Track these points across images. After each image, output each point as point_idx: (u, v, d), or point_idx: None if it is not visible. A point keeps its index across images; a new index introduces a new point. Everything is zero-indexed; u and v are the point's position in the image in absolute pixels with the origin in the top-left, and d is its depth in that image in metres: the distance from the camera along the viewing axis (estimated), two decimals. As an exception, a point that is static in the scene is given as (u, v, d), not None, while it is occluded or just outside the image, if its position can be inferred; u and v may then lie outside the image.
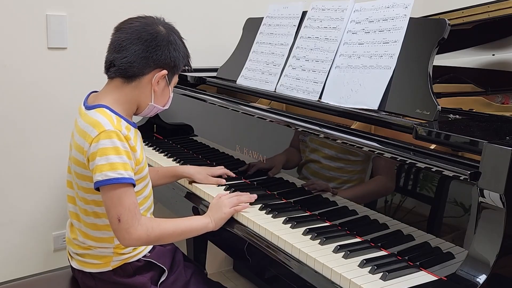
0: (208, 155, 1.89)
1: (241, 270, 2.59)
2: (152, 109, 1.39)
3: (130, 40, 1.30)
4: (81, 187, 1.32)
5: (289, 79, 1.71)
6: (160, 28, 1.33)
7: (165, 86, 1.37)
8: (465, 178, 1.04)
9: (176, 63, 1.36)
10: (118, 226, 1.23)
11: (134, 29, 1.31)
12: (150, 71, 1.32)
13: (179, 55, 1.36)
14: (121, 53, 1.29)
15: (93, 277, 1.38)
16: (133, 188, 1.26)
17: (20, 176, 2.11)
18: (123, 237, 1.24)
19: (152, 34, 1.31)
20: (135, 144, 1.31)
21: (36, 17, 2.04)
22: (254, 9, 2.29)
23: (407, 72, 1.39)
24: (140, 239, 1.26)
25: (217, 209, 1.41)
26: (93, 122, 1.27)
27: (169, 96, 1.41)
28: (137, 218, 1.24)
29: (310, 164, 1.46)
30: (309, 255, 1.17)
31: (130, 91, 1.33)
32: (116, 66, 1.30)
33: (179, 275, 1.44)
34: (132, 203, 1.24)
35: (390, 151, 1.21)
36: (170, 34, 1.34)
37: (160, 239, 1.31)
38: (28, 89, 2.06)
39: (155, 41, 1.31)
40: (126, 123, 1.31)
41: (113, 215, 1.23)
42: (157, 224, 1.29)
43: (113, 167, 1.22)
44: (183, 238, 1.39)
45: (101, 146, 1.23)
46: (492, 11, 1.66)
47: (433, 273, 1.09)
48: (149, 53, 1.30)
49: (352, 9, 1.62)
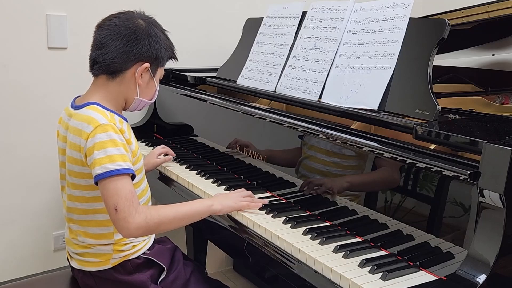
0: (208, 155, 1.89)
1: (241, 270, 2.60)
2: (139, 103, 1.40)
3: (110, 36, 1.31)
4: (79, 185, 1.32)
5: (289, 79, 1.71)
6: (139, 21, 1.34)
7: (149, 79, 1.38)
8: (465, 178, 1.04)
9: (158, 55, 1.37)
10: (115, 216, 1.22)
11: (113, 25, 1.32)
12: (132, 65, 1.33)
13: (160, 47, 1.36)
14: (102, 50, 1.31)
15: (93, 276, 1.39)
16: (130, 178, 1.26)
17: (20, 176, 2.11)
18: (122, 226, 1.23)
19: (131, 28, 1.32)
20: (130, 137, 1.33)
21: (36, 17, 2.04)
22: (254, 9, 2.29)
23: (407, 72, 1.39)
24: (140, 227, 1.24)
25: (225, 196, 1.42)
26: (87, 118, 1.28)
27: (155, 89, 1.42)
28: (134, 206, 1.23)
29: (307, 161, 1.46)
30: (309, 255, 1.17)
31: (115, 87, 1.34)
32: (99, 63, 1.32)
33: (178, 274, 1.44)
34: (129, 192, 1.23)
35: (390, 151, 1.21)
36: (149, 27, 1.35)
37: (161, 225, 1.28)
38: (28, 89, 2.07)
39: (135, 35, 1.32)
40: (118, 117, 1.33)
41: (110, 205, 1.23)
42: (156, 211, 1.28)
43: (112, 159, 1.23)
44: (186, 223, 1.37)
45: (98, 140, 1.24)
46: (492, 11, 1.66)
47: (433, 273, 1.09)
48: (129, 47, 1.31)
49: (352, 9, 1.62)
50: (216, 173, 1.74)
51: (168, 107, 2.20)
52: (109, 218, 1.32)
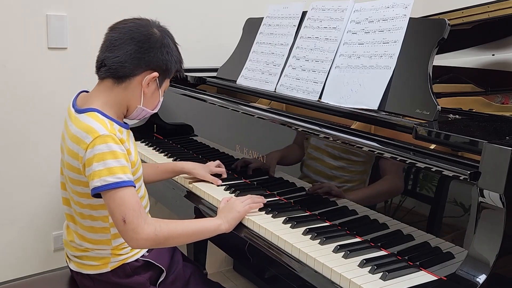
0: (208, 155, 1.89)
1: (241, 270, 2.59)
2: (141, 112, 1.37)
3: (123, 39, 1.28)
4: (76, 191, 1.31)
5: (289, 79, 1.71)
6: (154, 30, 1.32)
7: (155, 89, 1.35)
8: (465, 178, 1.04)
9: (168, 67, 1.34)
10: (124, 227, 1.20)
11: (127, 29, 1.30)
12: (141, 72, 1.30)
13: (171, 59, 1.34)
14: (113, 53, 1.28)
15: (92, 279, 1.38)
16: (134, 189, 1.24)
17: (20, 176, 2.11)
18: (131, 237, 1.21)
19: (145, 35, 1.30)
20: (129, 147, 1.31)
21: (36, 17, 2.04)
22: (254, 9, 2.29)
23: (407, 72, 1.39)
24: (149, 238, 1.22)
25: (229, 209, 1.37)
26: (86, 127, 1.24)
27: (158, 100, 1.39)
28: (142, 217, 1.22)
29: (311, 162, 1.46)
30: (309, 255, 1.17)
31: (120, 92, 1.31)
32: (107, 65, 1.29)
33: (178, 275, 1.44)
34: (136, 203, 1.22)
35: (390, 151, 1.21)
36: (164, 37, 1.33)
37: (169, 239, 1.26)
38: (28, 89, 2.07)
39: (149, 42, 1.30)
40: (118, 126, 1.30)
41: (117, 217, 1.21)
42: (165, 224, 1.26)
43: (112, 172, 1.20)
44: (193, 240, 1.35)
45: (98, 151, 1.21)
46: (492, 11, 1.66)
47: (433, 273, 1.09)
48: (141, 54, 1.29)
49: (352, 9, 1.62)
50: (216, 173, 1.74)
51: (168, 107, 2.20)
52: (107, 226, 1.31)
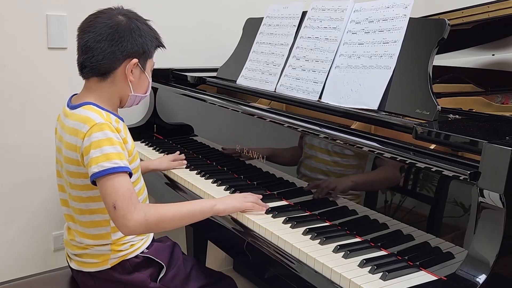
0: (208, 155, 1.89)
1: (241, 270, 2.59)
2: (135, 98, 1.40)
3: (93, 38, 1.30)
4: (76, 185, 1.32)
5: (289, 79, 1.71)
6: (119, 18, 1.33)
7: (140, 74, 1.37)
8: (465, 178, 1.04)
9: (145, 49, 1.35)
10: (114, 213, 1.22)
11: (95, 27, 1.31)
12: (121, 63, 1.32)
13: (145, 40, 1.35)
14: (88, 54, 1.30)
15: (92, 277, 1.39)
16: (128, 176, 1.26)
17: (20, 176, 2.11)
18: (121, 224, 1.23)
19: (112, 27, 1.31)
20: (126, 136, 1.33)
21: (36, 17, 2.04)
22: (254, 9, 2.29)
23: (407, 72, 1.39)
24: (139, 224, 1.23)
25: (230, 197, 1.43)
26: (82, 118, 1.28)
27: (147, 82, 1.41)
28: (133, 204, 1.23)
29: (308, 160, 1.46)
30: (309, 255, 1.17)
31: (108, 87, 1.34)
32: (88, 66, 1.32)
33: (178, 270, 1.44)
34: (127, 190, 1.23)
35: (390, 151, 1.21)
36: (131, 21, 1.33)
37: (160, 223, 1.27)
38: (28, 89, 2.06)
39: (117, 33, 1.30)
40: (114, 117, 1.33)
41: (109, 203, 1.23)
42: (155, 208, 1.27)
43: (108, 158, 1.22)
44: (187, 222, 1.36)
45: (94, 139, 1.23)
46: (492, 11, 1.66)
47: (433, 273, 1.09)
48: (114, 47, 1.30)
49: (352, 9, 1.62)
50: (216, 173, 1.74)
51: (168, 107, 2.20)
52: (106, 218, 1.32)
